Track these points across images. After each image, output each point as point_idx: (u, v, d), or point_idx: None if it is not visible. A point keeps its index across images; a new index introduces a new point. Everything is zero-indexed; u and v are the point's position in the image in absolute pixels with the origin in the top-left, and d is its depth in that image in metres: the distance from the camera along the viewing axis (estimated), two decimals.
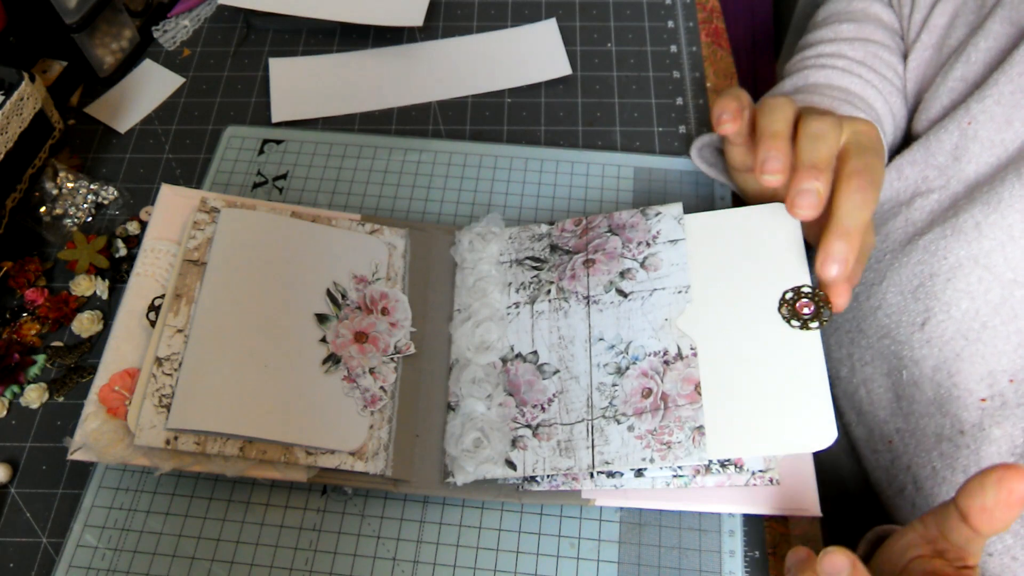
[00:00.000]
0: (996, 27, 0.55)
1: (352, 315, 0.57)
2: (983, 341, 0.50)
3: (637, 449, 0.50)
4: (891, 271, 0.56)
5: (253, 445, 0.52)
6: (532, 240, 0.61)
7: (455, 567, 0.53)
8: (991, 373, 0.50)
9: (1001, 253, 0.50)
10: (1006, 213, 0.50)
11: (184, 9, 0.82)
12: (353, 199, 0.69)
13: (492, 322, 0.58)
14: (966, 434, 0.50)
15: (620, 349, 0.54)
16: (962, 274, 0.51)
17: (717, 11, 0.83)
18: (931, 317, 0.53)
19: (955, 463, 0.51)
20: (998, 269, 0.50)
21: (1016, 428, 0.48)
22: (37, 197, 0.67)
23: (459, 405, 0.56)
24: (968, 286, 0.51)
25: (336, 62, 0.78)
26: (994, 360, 0.50)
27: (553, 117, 0.74)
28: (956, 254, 0.52)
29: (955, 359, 0.51)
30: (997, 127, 0.53)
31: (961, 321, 0.51)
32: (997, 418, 0.49)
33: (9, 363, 0.60)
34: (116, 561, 0.53)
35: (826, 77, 0.62)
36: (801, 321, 0.51)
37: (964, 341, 0.51)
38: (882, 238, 0.58)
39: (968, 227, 0.51)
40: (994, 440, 0.48)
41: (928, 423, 0.53)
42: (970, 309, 0.51)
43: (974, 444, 0.49)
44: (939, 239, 0.53)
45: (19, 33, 0.71)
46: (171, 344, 0.53)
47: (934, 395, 0.52)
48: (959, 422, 0.51)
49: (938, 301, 0.52)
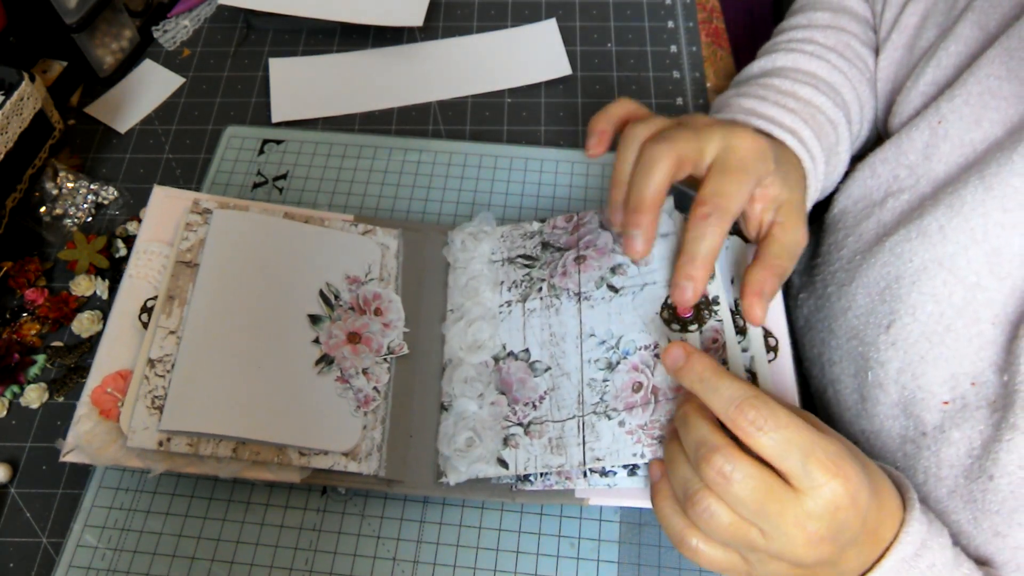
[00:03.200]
0: (966, 31, 0.56)
1: (345, 316, 0.57)
2: (946, 344, 0.50)
3: (628, 444, 0.50)
4: (860, 272, 0.56)
5: (246, 446, 0.52)
6: (524, 238, 0.61)
7: (455, 567, 0.53)
8: (954, 376, 0.50)
9: (964, 256, 0.50)
10: (969, 216, 0.50)
11: (184, 9, 0.82)
12: (353, 199, 0.69)
13: (484, 321, 0.58)
14: (927, 436, 0.50)
15: (611, 344, 0.54)
16: (927, 277, 0.51)
17: (717, 11, 0.82)
18: (896, 319, 0.53)
19: (916, 464, 0.51)
20: (961, 272, 0.50)
21: (974, 431, 0.48)
22: (37, 197, 0.67)
23: (452, 405, 0.56)
24: (932, 289, 0.51)
25: (336, 62, 0.78)
26: (956, 363, 0.50)
27: (553, 117, 0.74)
28: (921, 256, 0.52)
29: (919, 362, 0.51)
30: (966, 126, 0.53)
31: (926, 324, 0.51)
32: (957, 420, 0.49)
33: (9, 363, 0.61)
34: (116, 561, 0.53)
35: (794, 61, 0.63)
36: (681, 324, 0.52)
37: (928, 344, 0.51)
38: (855, 238, 0.58)
39: (932, 230, 0.51)
40: (953, 442, 0.48)
41: (892, 424, 0.53)
42: (934, 312, 0.51)
43: (934, 446, 0.50)
44: (904, 241, 0.53)
45: (19, 33, 0.71)
46: (164, 346, 0.53)
47: (898, 397, 0.52)
48: (922, 424, 0.51)
49: (903, 304, 0.52)
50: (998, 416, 0.47)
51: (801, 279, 0.66)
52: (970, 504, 0.47)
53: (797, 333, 0.65)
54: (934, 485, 0.50)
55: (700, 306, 0.53)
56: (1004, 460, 0.45)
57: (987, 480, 0.46)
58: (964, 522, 0.48)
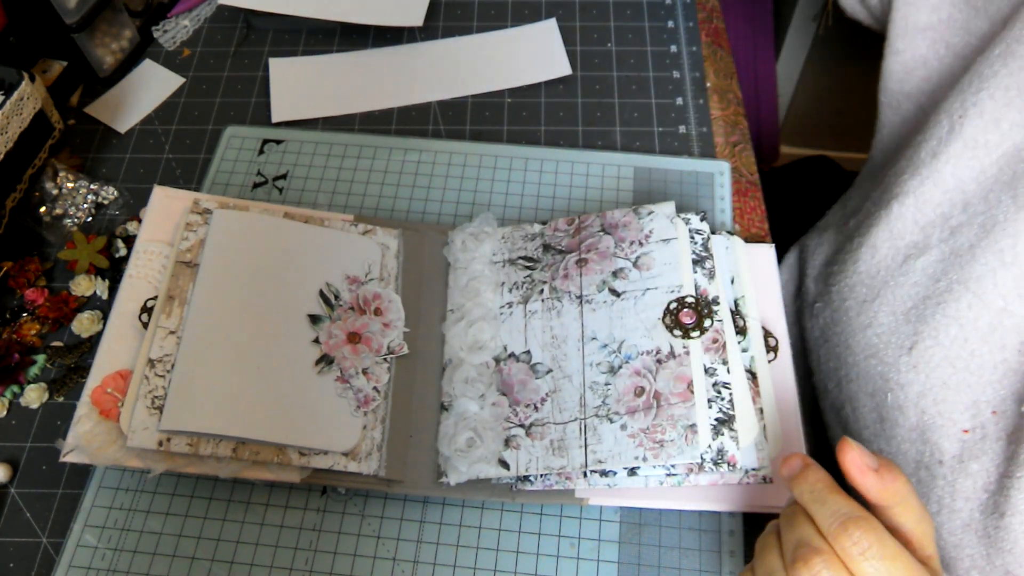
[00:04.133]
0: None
1: (345, 316, 0.57)
2: (970, 370, 0.49)
3: (630, 448, 0.50)
4: (885, 289, 0.54)
5: (246, 446, 0.52)
6: (525, 240, 0.61)
7: (455, 567, 0.53)
8: (975, 403, 0.48)
9: (992, 279, 0.48)
10: (998, 237, 0.48)
11: (184, 9, 0.82)
12: (353, 199, 0.69)
13: (485, 322, 0.58)
14: (944, 464, 0.49)
15: (613, 348, 0.54)
16: (952, 298, 0.50)
17: (717, 11, 0.82)
18: (919, 341, 0.51)
19: (930, 493, 0.50)
20: (988, 296, 0.48)
21: (992, 464, 0.46)
22: (37, 197, 0.67)
23: (452, 405, 0.56)
24: (957, 312, 0.49)
25: (336, 62, 0.78)
26: (979, 390, 0.48)
27: (553, 117, 0.74)
28: (948, 277, 0.50)
29: (941, 387, 0.50)
30: (984, 125, 0.50)
31: (949, 348, 0.50)
32: (976, 452, 0.47)
33: (9, 363, 0.61)
34: (116, 561, 0.53)
35: None
36: (683, 330, 0.52)
37: (951, 369, 0.49)
38: (871, 251, 0.57)
39: (963, 249, 0.50)
40: (971, 474, 0.47)
41: (909, 448, 0.51)
42: (959, 336, 0.49)
43: (951, 475, 0.48)
44: (937, 261, 0.51)
45: (19, 33, 0.71)
46: (164, 346, 0.53)
47: (917, 421, 0.51)
48: (939, 451, 0.49)
49: (927, 325, 0.51)
50: (1012, 449, 0.45)
51: (817, 286, 0.64)
52: (984, 539, 0.46)
53: (812, 343, 0.64)
54: (947, 517, 0.48)
55: (702, 312, 0.52)
56: (1015, 499, 0.44)
57: (999, 517, 0.45)
58: (978, 557, 0.47)
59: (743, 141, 0.72)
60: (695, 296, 0.53)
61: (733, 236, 0.60)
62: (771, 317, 0.58)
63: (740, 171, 0.70)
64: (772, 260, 0.61)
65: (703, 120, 0.73)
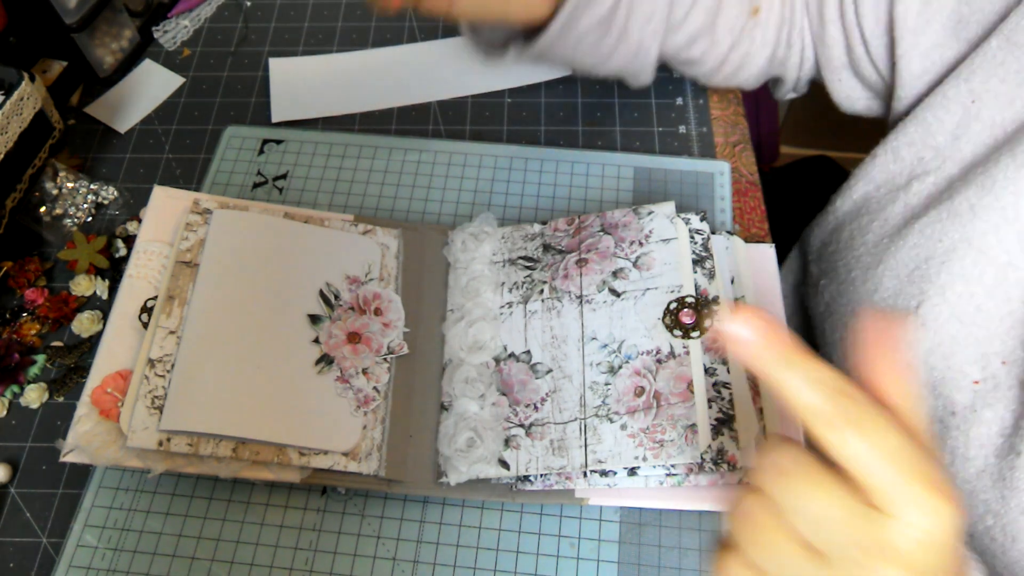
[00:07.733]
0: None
1: (345, 316, 0.57)
2: (977, 324, 0.50)
3: (630, 448, 0.50)
4: (887, 255, 0.56)
5: (246, 446, 0.52)
6: (525, 240, 0.61)
7: (455, 567, 0.53)
8: (984, 355, 0.49)
9: (995, 235, 0.50)
10: (1000, 195, 0.49)
11: (184, 9, 0.82)
12: (353, 199, 0.69)
13: (485, 322, 0.58)
14: (957, 415, 0.50)
15: (613, 348, 0.54)
16: (956, 257, 0.51)
17: None
18: (925, 300, 0.52)
19: (944, 444, 0.50)
20: (992, 252, 0.50)
21: (1007, 410, 0.48)
22: (37, 197, 0.67)
23: (452, 405, 0.56)
24: (963, 269, 0.51)
25: (336, 62, 0.78)
26: (987, 343, 0.49)
27: (553, 117, 0.74)
28: (951, 237, 0.51)
29: (950, 342, 0.51)
30: (1000, 106, 0.52)
31: (956, 304, 0.51)
32: (989, 400, 0.49)
33: (9, 363, 0.61)
34: (116, 561, 0.53)
35: None
36: (683, 330, 0.53)
37: (958, 324, 0.51)
38: (881, 223, 0.58)
39: (963, 209, 0.51)
40: (984, 422, 0.48)
41: None
42: (964, 292, 0.50)
43: (964, 425, 0.49)
44: (935, 222, 0.53)
45: (19, 33, 0.71)
46: (163, 345, 0.53)
47: (927, 377, 0.52)
48: (951, 403, 0.50)
49: (932, 284, 0.52)
50: None
51: (820, 267, 0.65)
52: (999, 482, 0.47)
53: (817, 319, 0.65)
54: (961, 465, 0.49)
55: (702, 311, 0.53)
56: None
57: (1015, 457, 0.46)
58: (992, 501, 0.48)
59: (743, 141, 0.72)
60: (695, 296, 0.53)
61: (733, 236, 0.60)
62: (770, 314, 0.58)
63: (740, 171, 0.70)
64: (772, 260, 0.61)
65: (703, 120, 0.73)
